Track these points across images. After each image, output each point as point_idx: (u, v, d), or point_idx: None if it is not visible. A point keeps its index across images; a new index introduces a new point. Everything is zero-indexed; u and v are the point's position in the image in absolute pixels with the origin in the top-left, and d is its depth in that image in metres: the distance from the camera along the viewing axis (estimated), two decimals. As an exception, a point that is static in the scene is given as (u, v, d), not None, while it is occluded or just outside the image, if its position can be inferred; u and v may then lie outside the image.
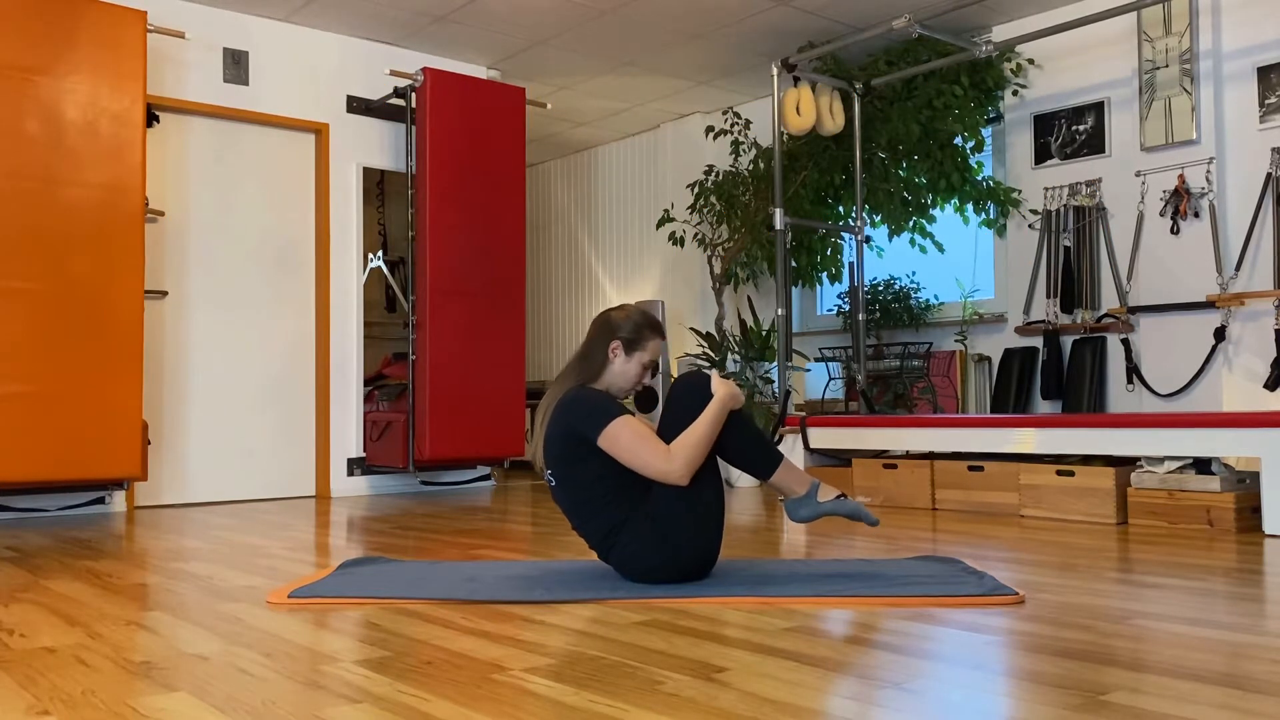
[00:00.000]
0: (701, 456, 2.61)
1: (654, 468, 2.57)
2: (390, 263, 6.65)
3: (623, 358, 2.76)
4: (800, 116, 5.63)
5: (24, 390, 4.58)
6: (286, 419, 5.84)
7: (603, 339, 2.77)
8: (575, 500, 2.69)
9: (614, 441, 2.59)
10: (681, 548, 2.63)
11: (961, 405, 5.93)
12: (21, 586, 2.90)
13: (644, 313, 2.82)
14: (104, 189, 4.82)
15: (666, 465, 2.57)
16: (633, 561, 2.65)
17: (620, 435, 2.58)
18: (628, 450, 2.58)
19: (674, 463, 2.57)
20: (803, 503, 2.76)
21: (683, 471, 2.57)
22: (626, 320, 2.78)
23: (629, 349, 2.76)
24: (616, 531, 2.64)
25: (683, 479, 2.58)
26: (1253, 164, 4.96)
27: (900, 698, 1.64)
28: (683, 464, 2.57)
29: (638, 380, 2.78)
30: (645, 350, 2.77)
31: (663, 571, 2.64)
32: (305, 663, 1.94)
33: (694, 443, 2.59)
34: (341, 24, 5.89)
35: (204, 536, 4.02)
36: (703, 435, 2.61)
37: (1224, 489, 3.82)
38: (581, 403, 2.67)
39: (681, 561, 2.64)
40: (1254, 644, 1.99)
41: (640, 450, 2.58)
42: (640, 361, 2.77)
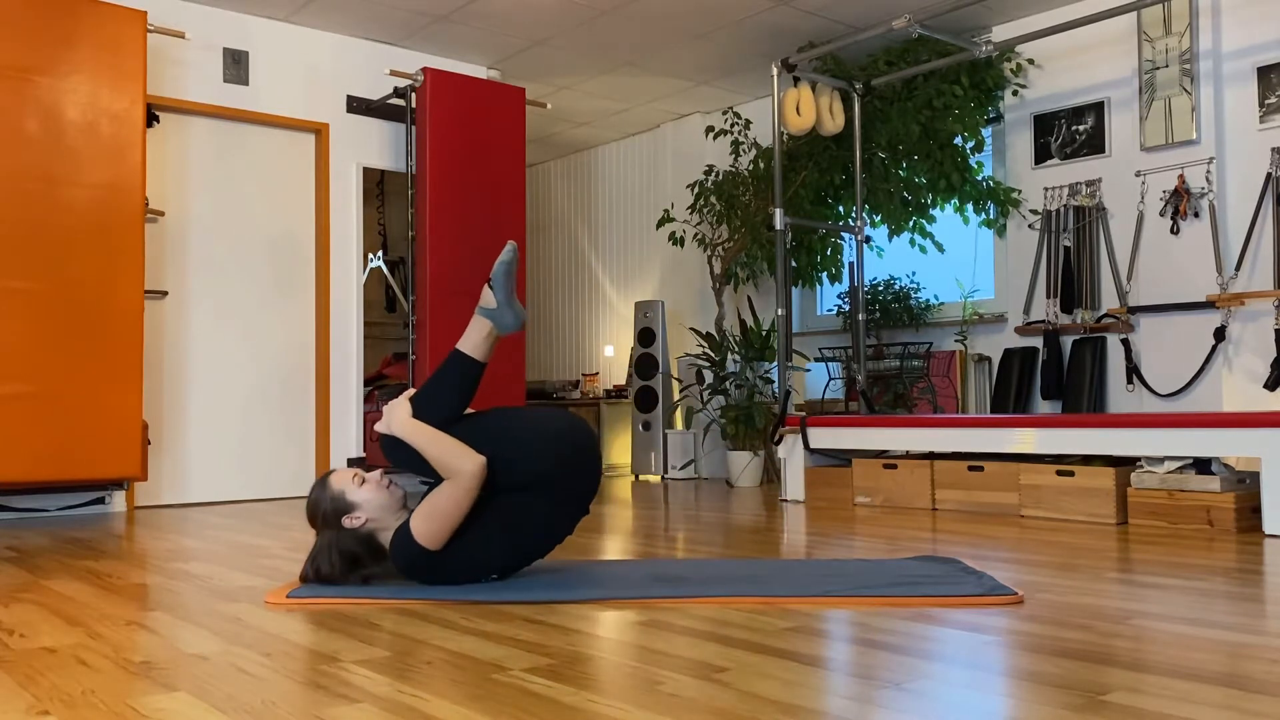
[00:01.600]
0: (453, 445, 2.57)
1: (460, 490, 2.54)
2: (390, 263, 6.65)
3: (358, 510, 2.64)
4: (800, 116, 5.63)
5: (24, 390, 4.58)
6: (286, 419, 5.84)
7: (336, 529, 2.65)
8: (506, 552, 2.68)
9: (431, 534, 2.55)
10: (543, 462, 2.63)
11: (961, 405, 5.93)
12: (21, 586, 2.90)
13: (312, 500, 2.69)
14: (104, 189, 4.82)
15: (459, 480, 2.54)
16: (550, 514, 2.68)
17: (426, 528, 2.55)
18: (442, 519, 2.55)
19: (458, 471, 2.54)
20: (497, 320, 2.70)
21: (467, 463, 2.54)
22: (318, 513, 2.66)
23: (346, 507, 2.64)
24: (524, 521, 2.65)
25: (476, 462, 2.54)
26: (1253, 164, 4.96)
27: (900, 698, 1.64)
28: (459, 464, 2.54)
29: (377, 486, 2.67)
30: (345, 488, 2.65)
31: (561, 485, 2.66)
32: (305, 663, 1.94)
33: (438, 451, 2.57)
34: (341, 24, 5.89)
35: (204, 536, 4.02)
36: (431, 445, 2.58)
37: (1224, 489, 3.82)
38: (397, 556, 2.61)
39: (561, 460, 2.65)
40: (1254, 644, 1.99)
41: (443, 507, 2.55)
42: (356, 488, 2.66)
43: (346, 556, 2.64)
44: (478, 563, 2.66)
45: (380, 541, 2.65)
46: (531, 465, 2.63)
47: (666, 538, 3.84)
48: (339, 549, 2.64)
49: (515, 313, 2.73)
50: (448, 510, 2.55)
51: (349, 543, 2.64)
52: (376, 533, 2.65)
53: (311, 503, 2.69)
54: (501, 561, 2.69)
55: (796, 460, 5.18)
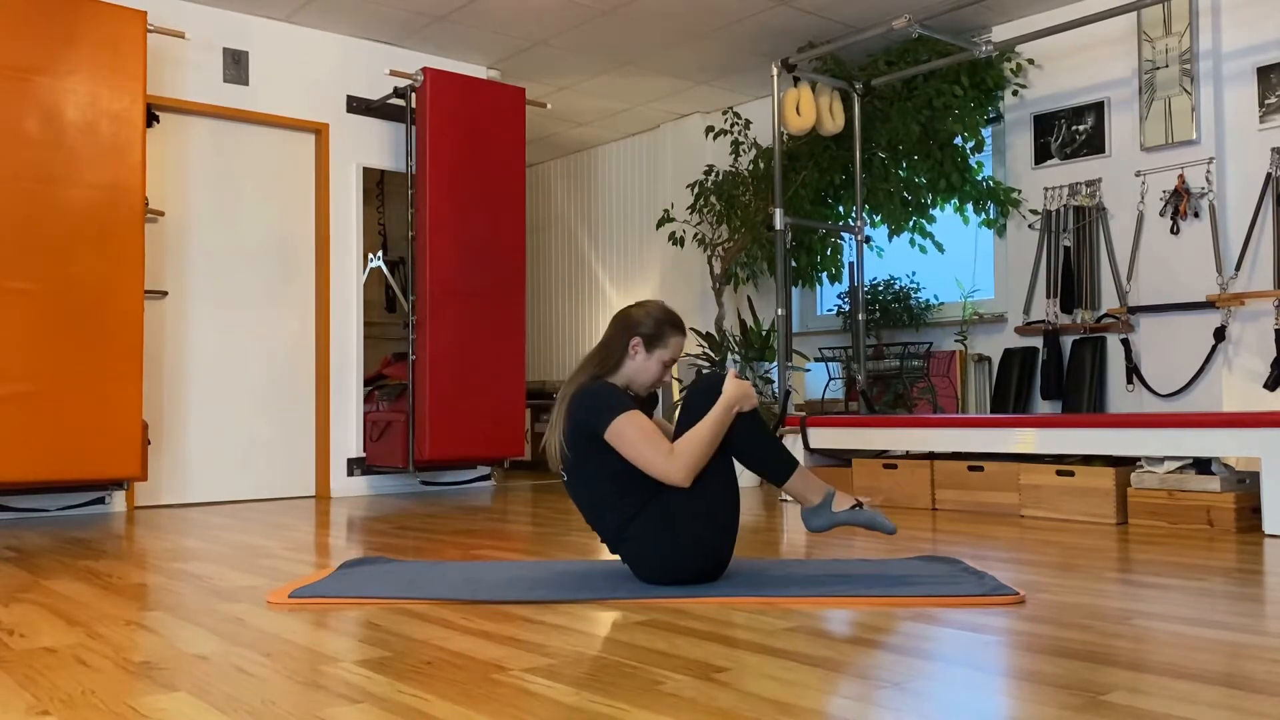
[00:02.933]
0: (704, 458, 2.59)
1: (655, 466, 2.57)
2: (390, 263, 6.65)
3: (643, 354, 2.74)
4: (800, 116, 5.63)
5: (24, 390, 4.58)
6: (286, 419, 5.84)
7: (623, 335, 2.76)
8: (587, 494, 2.69)
9: (619, 437, 2.58)
10: (690, 546, 2.62)
11: (961, 405, 5.93)
12: (21, 586, 2.90)
13: (666, 309, 2.80)
14: (104, 189, 4.82)
15: (666, 465, 2.56)
16: (642, 558, 2.65)
17: (625, 431, 2.58)
18: (631, 447, 2.57)
19: (674, 463, 2.56)
20: (817, 512, 2.74)
21: (683, 473, 2.56)
22: (648, 317, 2.76)
23: (649, 346, 2.74)
24: (626, 526, 2.63)
25: (684, 480, 2.57)
26: (1253, 164, 4.96)
27: (900, 698, 1.64)
28: (683, 465, 2.56)
29: (658, 378, 2.76)
30: (666, 348, 2.75)
31: (672, 570, 2.63)
32: (305, 663, 1.94)
33: (695, 444, 2.58)
34: (341, 24, 5.89)
35: (204, 536, 4.02)
36: (704, 437, 2.59)
37: (1224, 489, 3.82)
38: (592, 396, 2.66)
39: (690, 560, 2.63)
40: (1254, 644, 1.99)
41: (643, 448, 2.57)
42: (661, 359, 2.75)
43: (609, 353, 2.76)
44: (584, 471, 2.66)
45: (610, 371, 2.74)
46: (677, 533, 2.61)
47: (666, 538, 3.83)
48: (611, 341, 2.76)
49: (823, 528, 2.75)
50: (639, 452, 2.57)
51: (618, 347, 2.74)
52: (621, 366, 2.74)
53: (656, 310, 2.77)
54: (584, 490, 2.69)
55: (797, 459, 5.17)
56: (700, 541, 2.63)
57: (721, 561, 2.70)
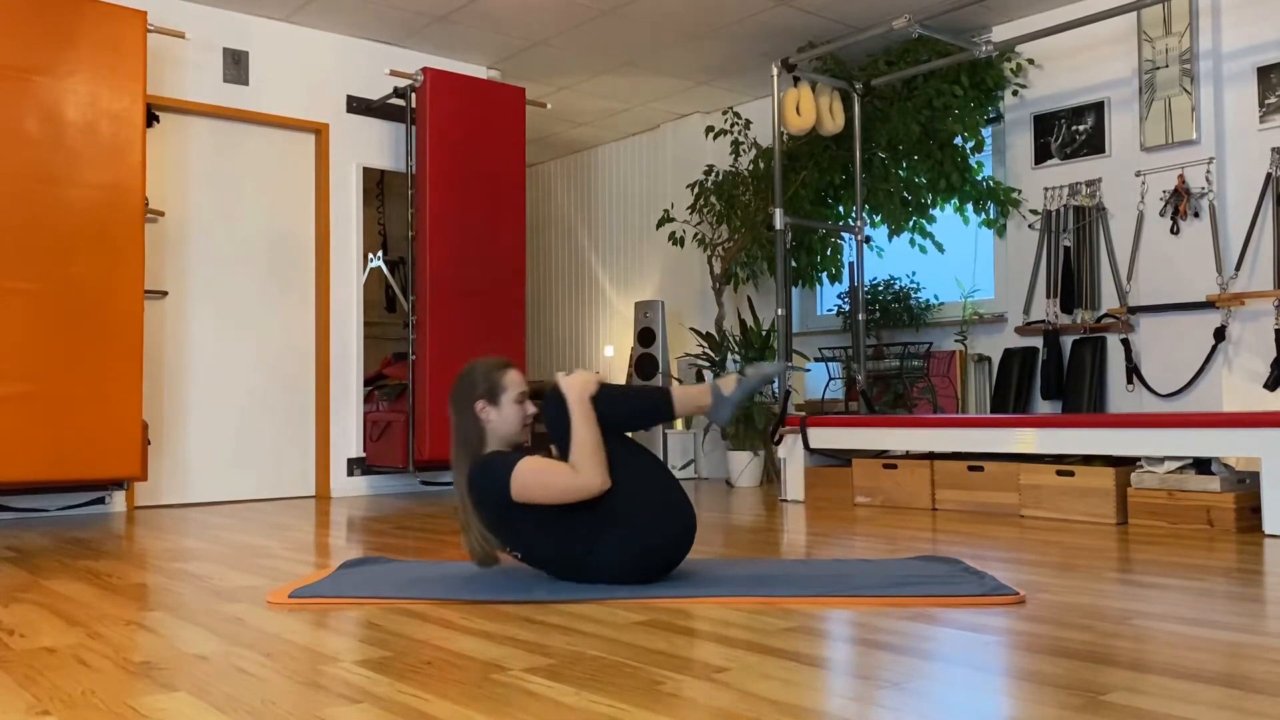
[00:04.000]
0: (599, 452, 2.58)
1: (570, 485, 2.56)
2: (390, 263, 6.65)
3: (493, 410, 2.71)
4: (800, 116, 5.63)
5: (24, 390, 4.58)
6: (286, 419, 5.84)
7: (466, 410, 2.72)
8: (535, 554, 2.69)
9: (524, 487, 2.57)
10: (651, 526, 2.63)
11: (961, 405, 5.93)
12: (21, 586, 2.90)
13: (482, 361, 2.78)
14: (104, 189, 4.82)
15: (577, 479, 2.55)
16: (621, 566, 2.64)
17: (526, 479, 2.57)
18: (539, 488, 2.57)
19: (581, 472, 2.56)
20: (718, 406, 2.76)
21: (594, 474, 2.56)
22: (472, 378, 2.74)
23: (492, 398, 2.72)
24: (591, 553, 2.63)
25: (600, 480, 2.56)
26: (1253, 164, 4.96)
27: (900, 698, 1.64)
28: (589, 467, 2.56)
29: (523, 418, 2.73)
30: (506, 388, 2.72)
31: (652, 557, 2.64)
32: (305, 663, 1.94)
33: (582, 447, 2.58)
34: (341, 24, 5.89)
35: (204, 536, 4.02)
36: (584, 436, 2.59)
37: (1224, 489, 3.82)
38: (480, 472, 2.65)
39: (660, 538, 2.64)
40: (1254, 644, 1.99)
41: (549, 479, 2.56)
42: (511, 400, 2.72)
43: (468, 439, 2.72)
44: (524, 539, 2.66)
45: (481, 446, 2.71)
46: (632, 529, 2.61)
47: (666, 538, 3.83)
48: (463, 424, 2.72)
49: (730, 414, 2.77)
50: (551, 489, 2.56)
51: (471, 428, 2.71)
52: (481, 438, 2.71)
53: (479, 366, 2.75)
54: (539, 555, 2.69)
55: (796, 460, 5.18)
56: (658, 517, 2.64)
57: (689, 523, 2.70)
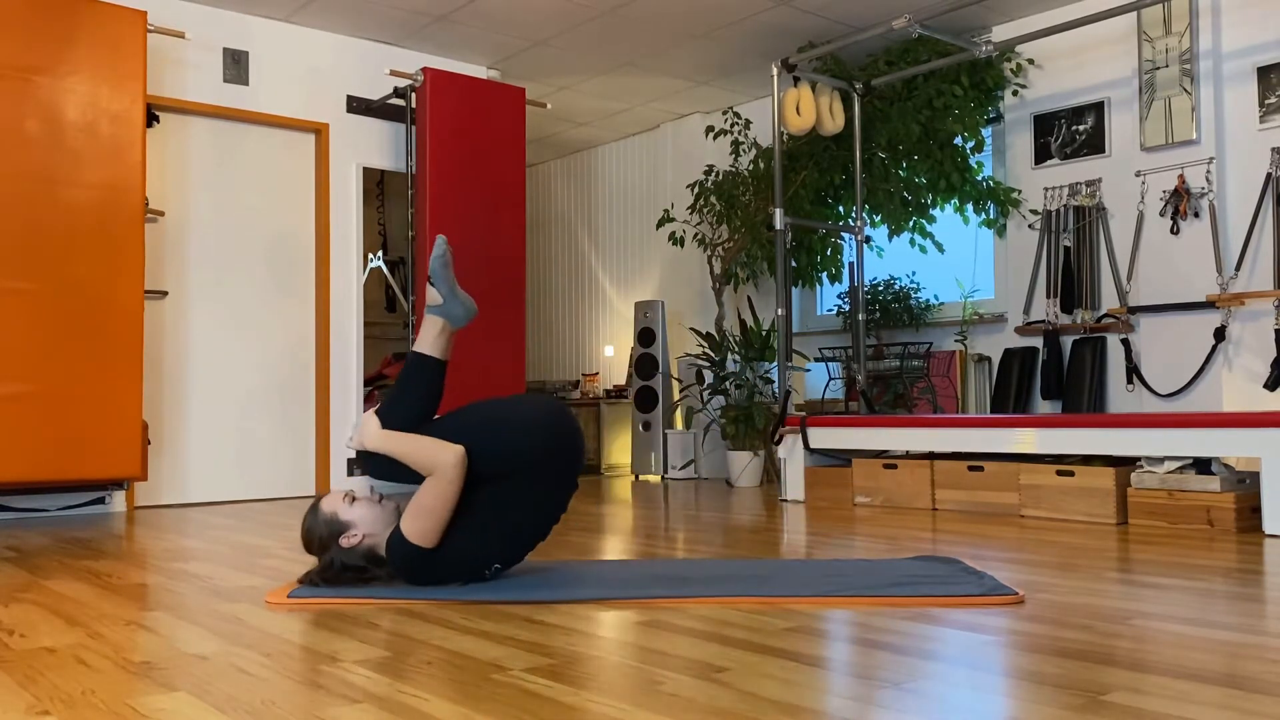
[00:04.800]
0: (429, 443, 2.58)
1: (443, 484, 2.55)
2: (390, 263, 6.66)
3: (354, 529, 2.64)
4: (800, 116, 5.63)
5: (24, 390, 4.58)
6: (286, 419, 5.84)
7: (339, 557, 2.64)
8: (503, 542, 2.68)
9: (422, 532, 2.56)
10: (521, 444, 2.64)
11: (961, 405, 5.93)
12: (21, 586, 2.90)
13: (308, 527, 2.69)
14: (104, 189, 4.82)
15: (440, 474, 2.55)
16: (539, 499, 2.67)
17: (416, 527, 2.56)
18: (430, 516, 2.56)
19: (436, 465, 2.55)
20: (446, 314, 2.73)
21: (444, 454, 2.55)
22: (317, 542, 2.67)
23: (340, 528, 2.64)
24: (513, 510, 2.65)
25: (454, 452, 2.55)
26: (1253, 164, 4.96)
27: (900, 698, 1.64)
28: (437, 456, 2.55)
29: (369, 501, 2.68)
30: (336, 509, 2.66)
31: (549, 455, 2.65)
32: (305, 663, 1.94)
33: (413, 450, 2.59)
34: (341, 24, 5.89)
35: (204, 536, 4.02)
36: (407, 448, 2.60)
37: (1224, 489, 3.82)
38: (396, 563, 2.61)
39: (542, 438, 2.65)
40: (1254, 644, 1.99)
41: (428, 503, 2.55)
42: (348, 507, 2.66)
43: (352, 570, 2.64)
44: (475, 556, 2.65)
45: (380, 554, 2.65)
46: (508, 448, 2.63)
47: (666, 538, 3.84)
48: (342, 564, 2.63)
49: (463, 304, 2.75)
50: (434, 505, 2.56)
51: (352, 558, 2.64)
52: (376, 547, 2.64)
53: (306, 530, 2.68)
54: (499, 550, 2.68)
55: (796, 460, 5.18)
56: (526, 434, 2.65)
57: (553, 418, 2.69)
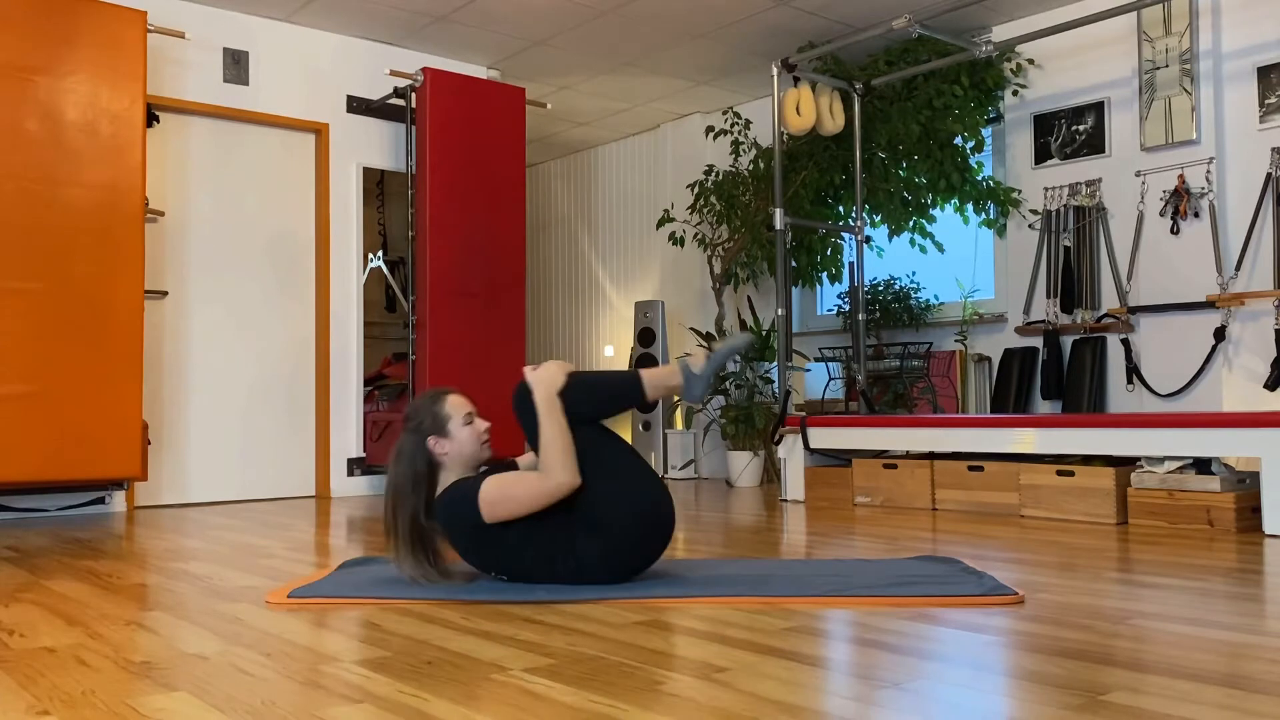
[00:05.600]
0: (567, 450, 2.57)
1: (541, 491, 2.54)
2: (390, 263, 6.66)
3: (446, 440, 2.68)
4: (800, 116, 5.63)
5: (24, 390, 4.58)
6: (286, 419, 5.84)
7: (419, 449, 2.67)
8: (529, 568, 2.65)
9: (493, 508, 2.55)
10: (629, 523, 2.61)
11: (961, 405, 5.93)
12: (21, 586, 2.90)
13: (417, 399, 2.74)
14: (104, 189, 4.82)
15: (546, 482, 2.54)
16: (603, 562, 2.63)
17: (492, 499, 2.55)
18: (508, 503, 2.55)
19: (551, 475, 2.54)
20: (690, 385, 2.75)
21: (564, 476, 2.55)
22: (417, 416, 2.69)
23: (439, 429, 2.68)
24: (570, 557, 2.62)
25: (570, 479, 2.55)
26: (1253, 164, 4.96)
27: (900, 698, 1.64)
28: (558, 471, 2.55)
29: (476, 437, 2.69)
30: (452, 416, 2.68)
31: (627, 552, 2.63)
32: (305, 663, 1.94)
33: (551, 446, 2.57)
34: (341, 24, 5.89)
35: (204, 536, 4.02)
36: (552, 434, 2.58)
37: (1224, 489, 3.82)
38: (449, 505, 2.62)
39: (637, 535, 2.63)
40: (1254, 644, 1.99)
41: (518, 495, 2.54)
42: (461, 424, 2.68)
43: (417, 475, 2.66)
44: (504, 559, 2.64)
45: (439, 478, 2.67)
46: (611, 522, 2.60)
47: (666, 538, 3.83)
48: (413, 460, 2.66)
49: (703, 390, 2.76)
50: (521, 500, 2.55)
51: (421, 462, 2.66)
52: (442, 469, 2.67)
53: (418, 403, 2.71)
54: (523, 570, 2.66)
55: (796, 460, 5.18)
56: (636, 509, 2.63)
57: (667, 510, 2.68)
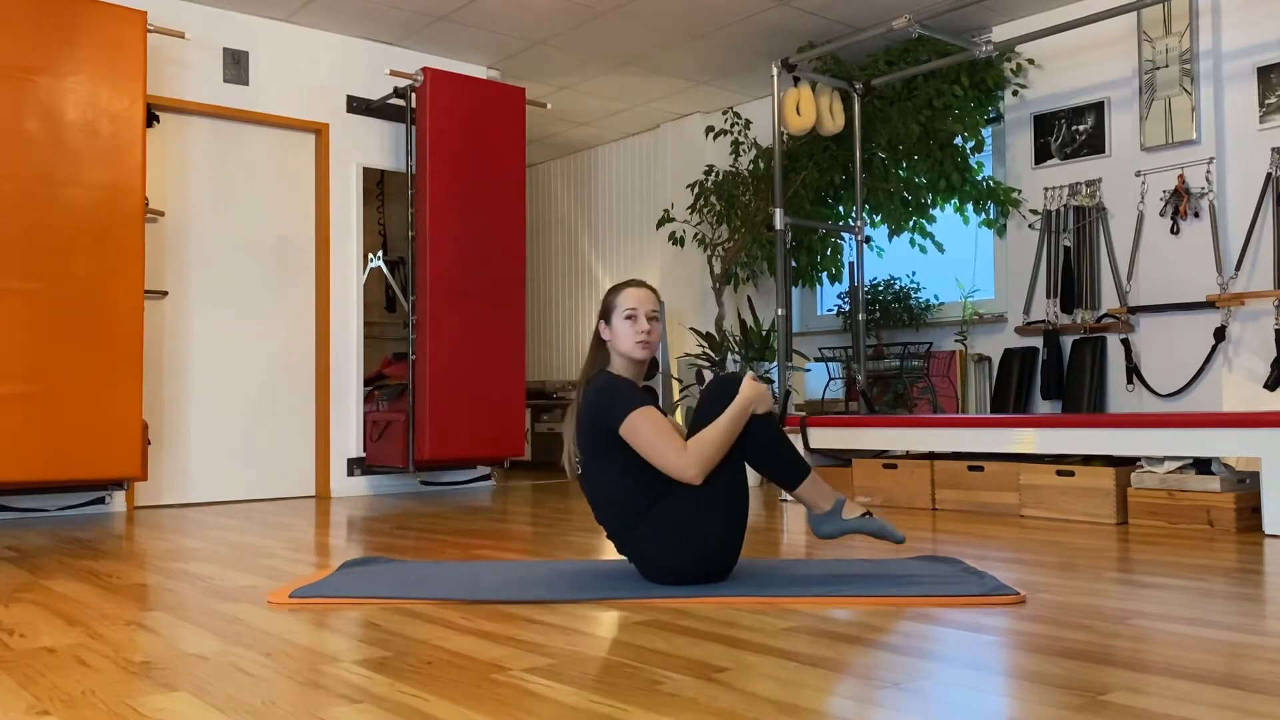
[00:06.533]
0: (717, 456, 2.59)
1: (669, 462, 2.57)
2: (390, 263, 6.65)
3: (608, 329, 2.77)
4: (800, 116, 5.63)
5: (24, 390, 4.58)
6: (286, 419, 5.84)
7: (595, 335, 2.83)
8: (600, 490, 2.70)
9: (634, 432, 2.59)
10: (697, 548, 2.62)
11: (961, 405, 5.93)
12: (21, 586, 2.90)
13: (613, 286, 2.86)
14: (104, 189, 4.82)
15: (679, 461, 2.57)
16: (650, 558, 2.65)
17: (640, 427, 2.59)
18: (646, 443, 2.59)
19: (687, 459, 2.57)
20: (828, 518, 2.75)
21: (696, 469, 2.57)
22: (603, 303, 2.83)
23: (608, 317, 2.78)
24: (636, 525, 2.63)
25: (696, 478, 2.57)
26: (1253, 164, 4.96)
27: (900, 698, 1.64)
28: (696, 461, 2.57)
29: (634, 335, 2.74)
30: (618, 307, 2.76)
31: (677, 570, 2.63)
32: (305, 663, 1.94)
33: (709, 441, 2.59)
34: (341, 24, 5.89)
35: (204, 536, 4.02)
36: (718, 435, 2.60)
37: (1224, 489, 3.82)
38: (605, 391, 2.68)
39: (696, 561, 2.63)
40: (1254, 644, 1.99)
41: (658, 443, 2.58)
42: (621, 318, 2.75)
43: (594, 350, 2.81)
44: (605, 473, 2.66)
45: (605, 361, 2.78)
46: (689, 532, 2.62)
47: (666, 538, 3.83)
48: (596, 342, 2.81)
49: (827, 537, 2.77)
50: (652, 447, 2.58)
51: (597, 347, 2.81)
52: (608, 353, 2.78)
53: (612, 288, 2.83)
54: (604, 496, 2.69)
55: (796, 460, 5.17)
56: (708, 542, 2.63)
57: (729, 562, 2.70)
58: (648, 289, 2.81)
